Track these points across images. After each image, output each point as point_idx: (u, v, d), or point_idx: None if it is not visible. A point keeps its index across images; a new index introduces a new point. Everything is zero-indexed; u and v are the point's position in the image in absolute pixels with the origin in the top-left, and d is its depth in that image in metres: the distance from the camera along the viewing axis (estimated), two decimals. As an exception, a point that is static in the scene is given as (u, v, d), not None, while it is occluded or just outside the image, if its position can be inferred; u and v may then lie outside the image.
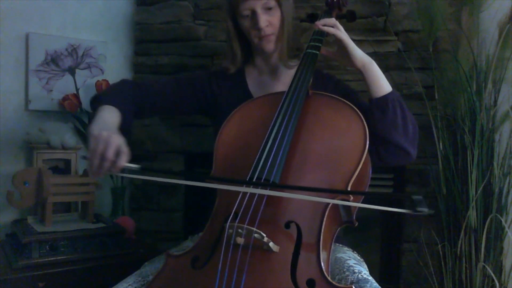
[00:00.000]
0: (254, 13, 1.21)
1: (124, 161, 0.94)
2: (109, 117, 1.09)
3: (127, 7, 1.93)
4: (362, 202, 0.94)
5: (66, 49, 1.80)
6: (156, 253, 1.22)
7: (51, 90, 1.77)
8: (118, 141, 0.94)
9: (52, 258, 1.38)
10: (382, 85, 1.14)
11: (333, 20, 1.17)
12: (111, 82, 1.79)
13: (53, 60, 1.77)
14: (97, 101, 1.15)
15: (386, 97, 1.12)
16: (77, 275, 1.38)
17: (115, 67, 1.91)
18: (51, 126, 1.66)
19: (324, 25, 1.17)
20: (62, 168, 1.66)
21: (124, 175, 1.00)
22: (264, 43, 1.25)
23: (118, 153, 0.93)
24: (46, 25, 1.77)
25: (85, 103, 1.81)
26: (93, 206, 1.56)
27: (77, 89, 1.82)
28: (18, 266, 1.32)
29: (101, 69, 1.88)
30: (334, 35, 1.16)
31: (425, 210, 0.80)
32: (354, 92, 1.31)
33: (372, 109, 1.13)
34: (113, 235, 1.50)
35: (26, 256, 1.35)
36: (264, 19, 1.21)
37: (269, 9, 1.22)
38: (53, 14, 1.79)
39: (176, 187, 1.84)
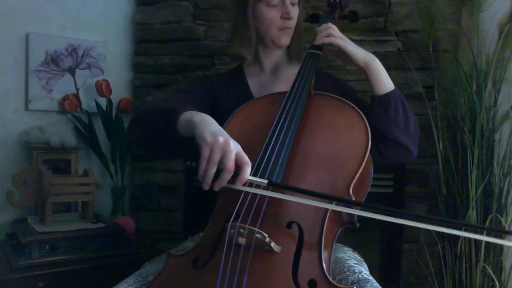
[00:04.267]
0: (283, 3, 1.23)
1: (247, 173, 0.85)
2: (212, 121, 0.96)
3: (127, 7, 1.92)
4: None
5: (66, 49, 1.80)
6: (156, 253, 1.22)
7: (51, 90, 1.77)
8: (237, 148, 0.86)
9: (52, 258, 1.38)
10: (384, 82, 1.14)
11: (326, 29, 1.17)
12: (111, 82, 1.80)
13: (53, 60, 1.77)
14: (171, 111, 1.02)
15: (388, 94, 1.12)
16: (77, 275, 1.38)
17: (115, 67, 1.91)
18: (51, 126, 1.66)
19: (320, 38, 1.18)
20: (62, 168, 1.66)
21: (248, 189, 0.86)
22: (283, 35, 1.26)
23: (239, 163, 0.85)
24: (46, 25, 1.77)
25: (85, 103, 1.81)
26: (93, 206, 1.56)
27: (77, 89, 1.82)
28: (18, 266, 1.32)
29: (101, 69, 1.88)
30: (330, 44, 1.16)
31: None
32: (353, 90, 1.31)
33: (374, 106, 1.13)
34: (113, 235, 1.50)
35: (26, 256, 1.35)
36: (292, 11, 1.24)
37: (293, 4, 1.25)
38: (53, 14, 1.79)
39: (176, 187, 1.84)
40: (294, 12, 1.25)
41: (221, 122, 1.12)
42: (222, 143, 0.84)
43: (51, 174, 1.49)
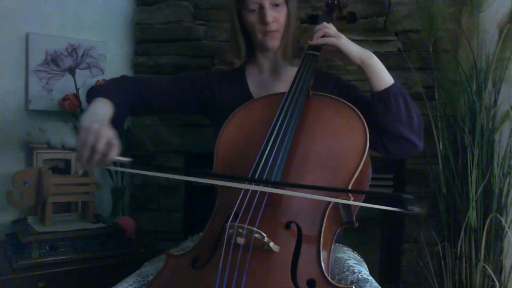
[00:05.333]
0: (261, 8, 1.22)
1: (114, 154, 0.93)
2: (101, 110, 1.09)
3: (127, 7, 1.92)
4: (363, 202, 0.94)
5: (66, 49, 1.80)
6: (156, 253, 1.22)
7: (51, 90, 1.77)
8: (108, 133, 0.94)
9: (52, 258, 1.38)
10: (383, 78, 1.13)
11: (321, 30, 1.17)
12: (111, 82, 1.79)
13: (53, 60, 1.77)
14: (92, 94, 1.16)
15: (388, 90, 1.12)
16: (77, 275, 1.38)
17: (115, 67, 1.91)
18: (51, 126, 1.66)
19: (315, 39, 1.17)
20: (62, 168, 1.66)
21: (115, 168, 1.00)
22: (268, 39, 1.25)
23: (109, 146, 0.93)
24: (46, 25, 1.77)
25: (85, 103, 1.81)
26: (93, 206, 1.56)
27: (77, 89, 1.81)
28: (18, 266, 1.32)
29: (101, 69, 1.88)
30: (325, 44, 1.16)
31: (415, 209, 0.80)
32: (355, 87, 1.31)
33: (375, 102, 1.12)
34: (113, 235, 1.50)
35: (26, 256, 1.35)
36: (271, 15, 1.22)
37: (276, 5, 1.23)
38: (53, 14, 1.79)
39: (176, 187, 1.84)
40: (278, 14, 1.23)
41: (220, 122, 1.13)
42: (95, 129, 0.93)
43: (51, 174, 1.49)
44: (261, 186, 0.91)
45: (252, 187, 0.91)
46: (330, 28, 1.17)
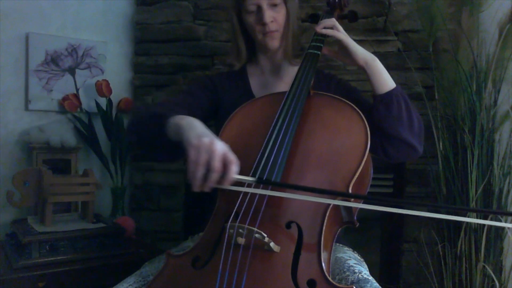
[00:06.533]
0: (259, 9, 1.22)
1: (234, 172, 0.85)
2: (197, 123, 0.97)
3: (127, 7, 1.93)
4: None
5: (66, 49, 1.80)
6: (156, 253, 1.22)
7: (51, 90, 1.77)
8: (222, 147, 0.86)
9: (52, 258, 1.38)
10: (386, 81, 1.13)
11: (331, 21, 1.17)
12: (111, 82, 1.80)
13: (53, 60, 1.77)
14: (160, 116, 1.04)
15: (390, 93, 1.12)
16: (77, 275, 1.38)
17: (115, 67, 1.91)
18: (51, 126, 1.66)
19: (323, 28, 1.17)
20: (62, 168, 1.66)
21: (236, 188, 0.87)
22: (268, 39, 1.25)
23: (225, 163, 0.85)
24: (46, 25, 1.77)
25: (85, 103, 1.81)
26: (93, 206, 1.56)
27: (77, 89, 1.82)
28: (18, 266, 1.32)
29: (101, 69, 1.88)
30: (333, 36, 1.16)
31: None
32: (356, 90, 1.31)
33: (377, 105, 1.12)
34: (113, 235, 1.50)
35: (26, 256, 1.35)
36: (269, 15, 1.22)
37: (274, 5, 1.23)
38: (53, 14, 1.79)
39: (176, 187, 1.84)
40: (276, 14, 1.23)
41: (221, 121, 1.13)
42: (207, 144, 0.84)
43: (51, 174, 1.49)
44: (260, 187, 0.91)
45: (252, 190, 0.91)
46: (339, 25, 1.17)
